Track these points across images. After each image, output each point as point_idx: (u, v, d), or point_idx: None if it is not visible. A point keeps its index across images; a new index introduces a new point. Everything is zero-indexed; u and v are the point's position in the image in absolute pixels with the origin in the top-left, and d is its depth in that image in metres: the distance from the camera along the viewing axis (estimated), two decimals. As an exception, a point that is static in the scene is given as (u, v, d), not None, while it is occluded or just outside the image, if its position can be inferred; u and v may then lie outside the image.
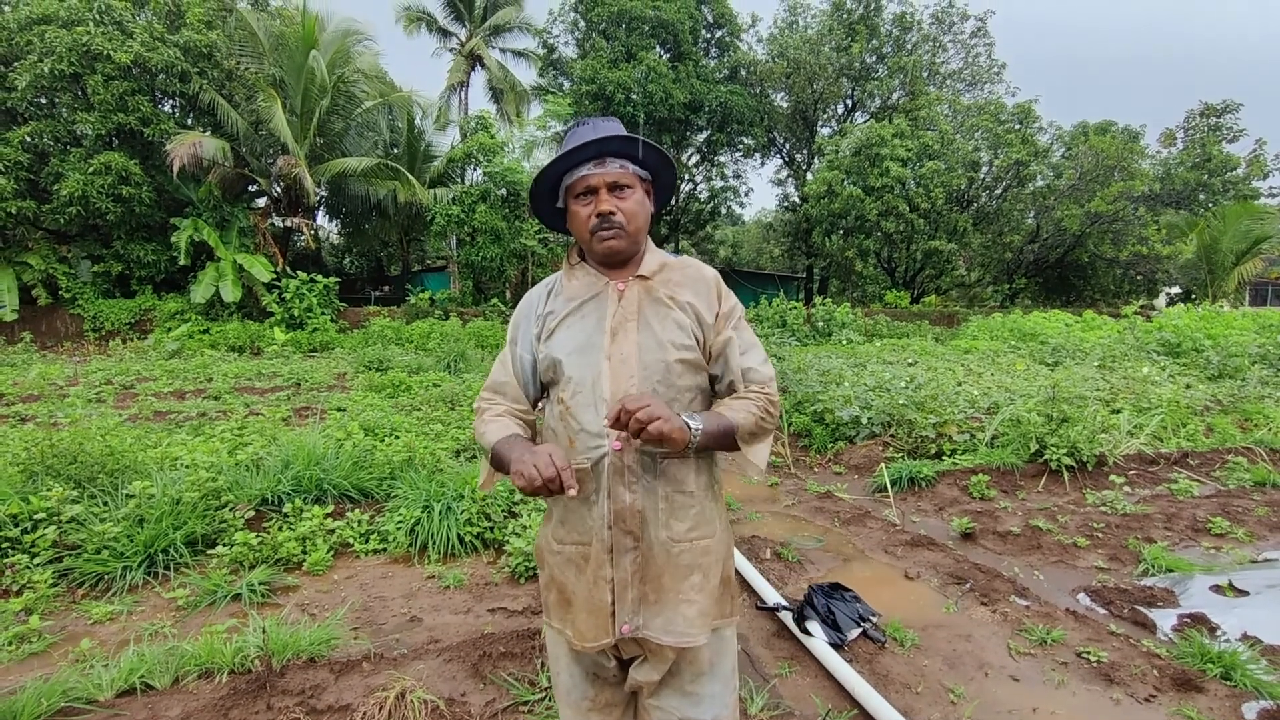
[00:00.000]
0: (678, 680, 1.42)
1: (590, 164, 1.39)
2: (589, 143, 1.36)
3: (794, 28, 27.15)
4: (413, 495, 4.08)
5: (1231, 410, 7.18)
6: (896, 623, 3.04)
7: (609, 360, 1.36)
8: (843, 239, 22.99)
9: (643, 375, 1.34)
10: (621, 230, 1.38)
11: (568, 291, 1.47)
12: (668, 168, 1.49)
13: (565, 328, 1.43)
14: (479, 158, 19.47)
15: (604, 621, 1.35)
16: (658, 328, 1.38)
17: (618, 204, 1.38)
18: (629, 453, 1.33)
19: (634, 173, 1.41)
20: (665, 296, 1.42)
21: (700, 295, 1.43)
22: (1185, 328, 11.82)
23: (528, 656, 2.67)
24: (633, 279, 1.43)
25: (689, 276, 1.46)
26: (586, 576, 1.37)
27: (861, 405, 6.55)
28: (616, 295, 1.42)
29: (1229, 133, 25.92)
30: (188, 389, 9.04)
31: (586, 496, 1.35)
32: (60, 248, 16.86)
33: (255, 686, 2.44)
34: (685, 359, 1.38)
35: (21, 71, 14.58)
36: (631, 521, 1.34)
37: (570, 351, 1.40)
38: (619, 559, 1.34)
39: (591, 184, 1.38)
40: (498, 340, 15.51)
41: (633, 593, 1.35)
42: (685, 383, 1.39)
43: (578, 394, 1.37)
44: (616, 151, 1.40)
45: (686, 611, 1.36)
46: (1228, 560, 3.83)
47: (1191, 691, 2.54)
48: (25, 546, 3.37)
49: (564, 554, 1.42)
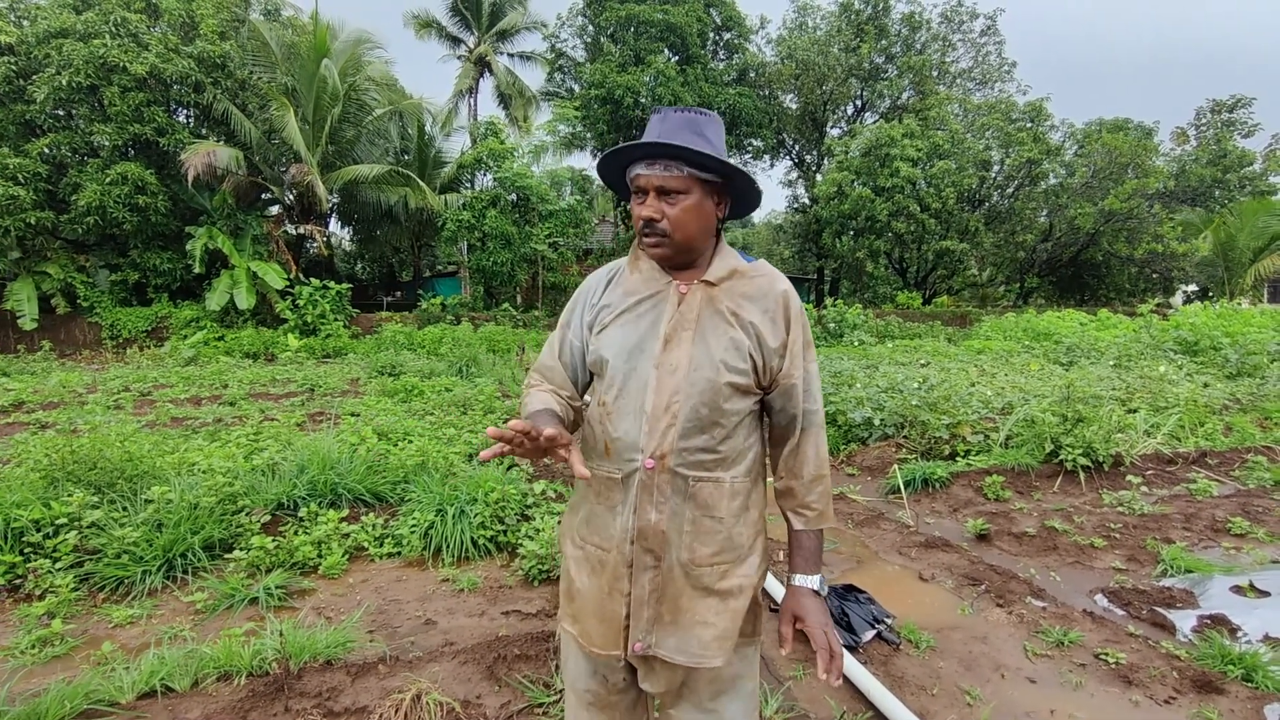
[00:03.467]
0: (696, 696, 1.38)
1: (643, 163, 1.30)
2: (643, 143, 1.28)
3: (802, 29, 27.13)
4: (426, 499, 4.11)
5: (1251, 409, 7.09)
6: (911, 625, 3.02)
7: (657, 370, 1.29)
8: (853, 240, 22.91)
9: (688, 392, 1.28)
10: (665, 238, 1.30)
11: (628, 285, 1.39)
12: (738, 176, 1.34)
13: (619, 325, 1.36)
14: (489, 163, 19.59)
15: (616, 633, 1.33)
16: (714, 343, 1.30)
17: (665, 209, 1.29)
18: (661, 472, 1.28)
19: (688, 175, 1.28)
20: (728, 310, 1.33)
21: (767, 315, 1.34)
22: (1203, 326, 11.68)
23: (542, 659, 2.68)
24: (697, 283, 1.35)
25: (759, 290, 1.36)
26: (601, 583, 1.35)
27: (874, 407, 6.52)
28: (677, 298, 1.34)
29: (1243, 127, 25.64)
30: (204, 395, 9.14)
31: (613, 506, 1.33)
32: (78, 257, 17.11)
33: (273, 689, 2.46)
34: (736, 383, 1.30)
35: (40, 84, 14.83)
36: (654, 540, 1.30)
37: (619, 351, 1.33)
38: (638, 575, 1.31)
39: (641, 185, 1.31)
40: (509, 345, 15.56)
41: (648, 611, 1.32)
42: (732, 407, 1.31)
43: (620, 399, 1.32)
44: (672, 154, 1.28)
45: (702, 635, 1.32)
46: (1248, 561, 3.78)
47: (1212, 693, 2.51)
48: (47, 551, 3.42)
49: (584, 552, 1.40)
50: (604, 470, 1.34)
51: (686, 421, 1.27)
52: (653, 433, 1.27)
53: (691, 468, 1.29)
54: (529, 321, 18.98)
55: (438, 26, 26.97)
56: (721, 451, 1.30)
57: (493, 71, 26.55)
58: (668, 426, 1.27)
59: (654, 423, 1.27)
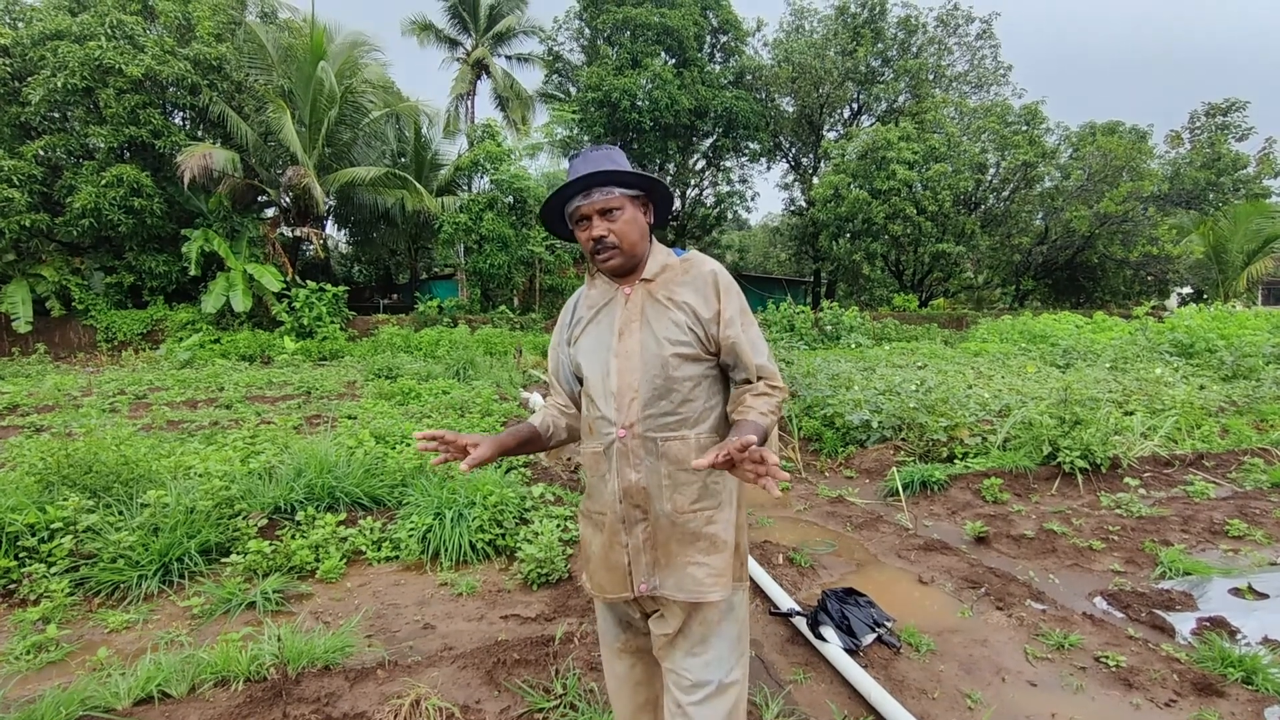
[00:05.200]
0: (686, 642, 1.56)
1: (579, 196, 1.58)
2: (574, 181, 1.54)
3: (799, 32, 27.20)
4: (424, 502, 4.09)
5: (1247, 411, 7.11)
6: (911, 628, 3.02)
7: (616, 358, 1.56)
8: (850, 242, 22.94)
9: (644, 369, 1.53)
10: (616, 250, 1.58)
11: (589, 300, 1.69)
12: (654, 187, 1.63)
13: (586, 334, 1.66)
14: (486, 165, 19.57)
15: (622, 579, 1.57)
16: (657, 326, 1.56)
17: (609, 226, 1.56)
18: (632, 438, 1.53)
19: (620, 195, 1.57)
20: (664, 298, 1.58)
21: (698, 293, 1.57)
22: (1198, 328, 11.69)
23: (542, 664, 2.67)
24: (638, 283, 1.62)
25: (689, 276, 1.61)
26: (604, 539, 1.59)
27: (872, 409, 6.53)
28: (624, 300, 1.61)
29: (1237, 130, 25.77)
30: (200, 398, 9.11)
31: (602, 475, 1.58)
32: (73, 260, 17.06)
33: (271, 694, 2.45)
34: (681, 353, 1.54)
35: (35, 86, 14.79)
36: (638, 497, 1.54)
37: (588, 353, 1.63)
38: (631, 528, 1.55)
39: (584, 213, 1.58)
40: (506, 347, 15.56)
41: (646, 557, 1.55)
42: (682, 373, 1.54)
43: (593, 387, 1.60)
44: (602, 182, 1.55)
45: (696, 573, 1.52)
46: (1246, 563, 3.78)
47: (1212, 696, 2.51)
48: (42, 556, 3.40)
49: (590, 518, 1.67)
50: (591, 447, 1.61)
51: (646, 393, 1.52)
52: (620, 408, 1.53)
53: (658, 430, 1.53)
54: (526, 324, 18.96)
55: (435, 30, 26.97)
56: (682, 413, 1.54)
57: (490, 74, 26.54)
58: (631, 400, 1.53)
59: (620, 399, 1.53)
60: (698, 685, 1.54)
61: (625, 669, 1.73)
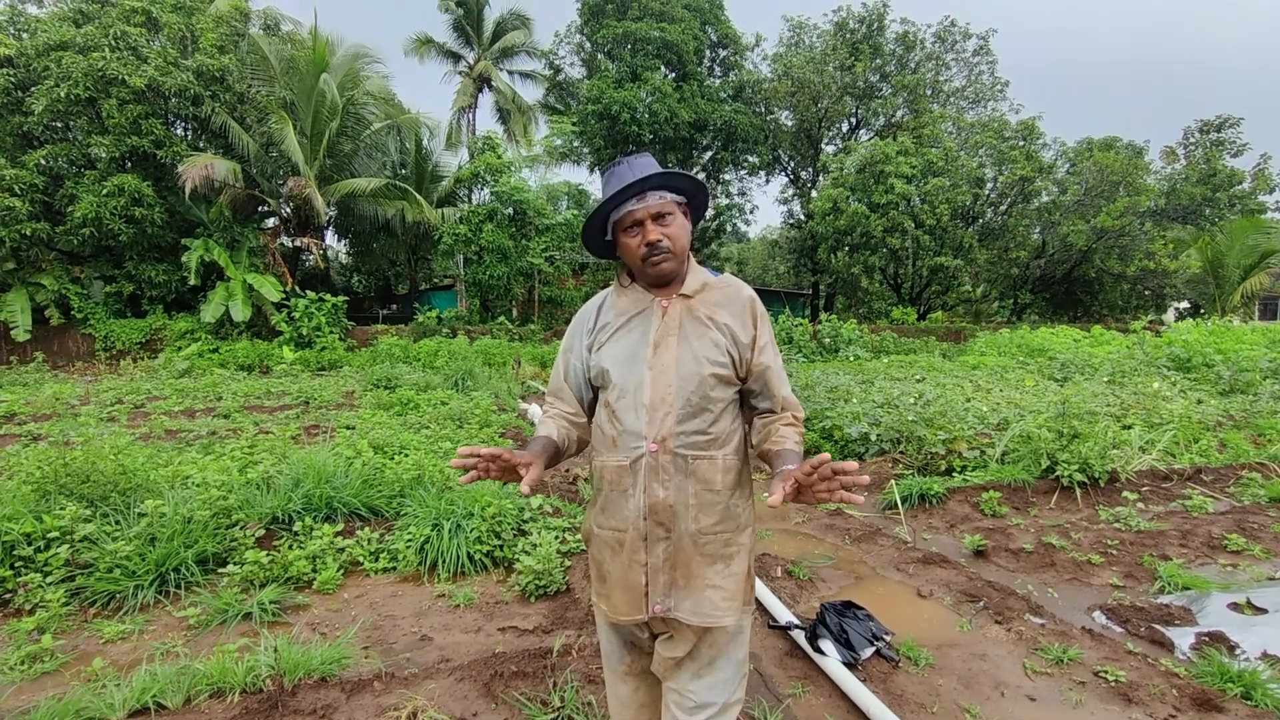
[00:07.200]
0: (694, 664, 1.55)
1: (634, 200, 1.54)
2: (633, 182, 1.51)
3: (798, 47, 27.44)
4: (422, 513, 4.08)
5: (1244, 425, 7.13)
6: (910, 641, 3.01)
7: (650, 370, 1.52)
8: (848, 256, 23.04)
9: (679, 385, 1.50)
10: (669, 254, 1.55)
11: (618, 307, 1.64)
12: (700, 189, 1.63)
13: (614, 341, 1.59)
14: (486, 177, 19.68)
15: (637, 600, 1.52)
16: (695, 344, 1.53)
17: (663, 231, 1.54)
18: (664, 454, 1.48)
19: (673, 200, 1.56)
20: (705, 316, 1.56)
21: (737, 317, 1.58)
22: (1195, 343, 11.73)
23: (540, 676, 2.66)
24: (676, 297, 1.58)
25: (728, 297, 1.61)
26: (622, 559, 1.54)
27: (870, 422, 6.53)
28: (661, 311, 1.57)
29: (1232, 146, 25.97)
30: (198, 408, 9.09)
31: (625, 490, 1.52)
32: (73, 268, 17.07)
33: (267, 706, 2.43)
34: (719, 374, 1.52)
35: (38, 96, 14.86)
36: (664, 515, 1.49)
37: (617, 361, 1.56)
38: (652, 546, 1.50)
39: (638, 218, 1.54)
40: (505, 358, 15.55)
41: (664, 577, 1.51)
42: (716, 395, 1.53)
43: (622, 398, 1.53)
44: (656, 185, 1.54)
45: (712, 596, 1.50)
46: (1245, 578, 3.78)
47: (1211, 711, 2.50)
48: (38, 565, 3.38)
49: (603, 537, 1.59)
50: (614, 460, 1.54)
51: (681, 409, 1.49)
52: (653, 421, 1.49)
53: (689, 448, 1.50)
54: (525, 335, 18.98)
55: (437, 45, 27.17)
56: (712, 433, 1.52)
57: (492, 87, 26.73)
58: (665, 414, 1.49)
59: (653, 413, 1.49)
60: (702, 706, 1.53)
61: (629, 692, 1.71)
